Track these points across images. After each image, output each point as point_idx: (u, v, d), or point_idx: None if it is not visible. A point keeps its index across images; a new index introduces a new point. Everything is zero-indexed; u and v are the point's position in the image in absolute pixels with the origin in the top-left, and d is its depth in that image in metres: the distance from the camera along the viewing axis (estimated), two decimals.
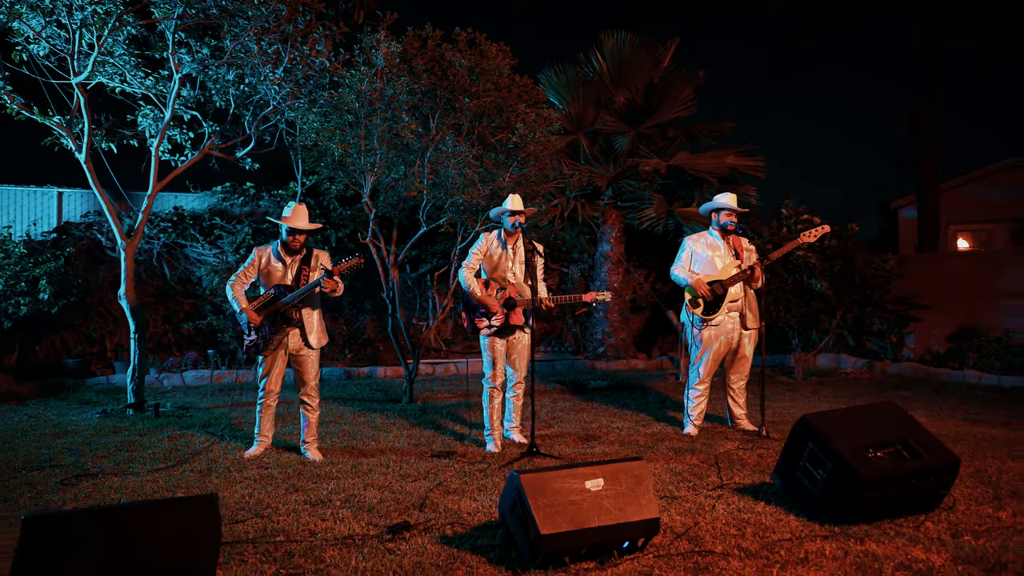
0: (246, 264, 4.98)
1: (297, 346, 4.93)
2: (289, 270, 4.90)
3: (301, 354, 4.95)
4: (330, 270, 4.79)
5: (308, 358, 4.96)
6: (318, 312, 5.01)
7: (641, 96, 9.58)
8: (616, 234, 10.28)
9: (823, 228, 5.63)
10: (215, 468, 4.63)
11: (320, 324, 5.02)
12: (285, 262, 4.91)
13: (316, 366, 5.02)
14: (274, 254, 4.94)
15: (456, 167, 6.23)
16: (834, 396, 7.48)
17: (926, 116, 12.65)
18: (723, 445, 5.17)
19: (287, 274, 4.89)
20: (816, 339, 9.34)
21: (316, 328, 4.98)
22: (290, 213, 4.89)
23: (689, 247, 5.75)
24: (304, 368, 4.98)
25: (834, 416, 3.70)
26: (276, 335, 4.85)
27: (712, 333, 5.54)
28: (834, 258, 8.72)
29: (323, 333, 5.05)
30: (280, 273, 4.90)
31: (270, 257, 4.95)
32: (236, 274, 4.99)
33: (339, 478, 4.39)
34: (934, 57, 12.57)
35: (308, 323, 4.92)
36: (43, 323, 8.55)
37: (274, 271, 4.90)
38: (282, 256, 4.92)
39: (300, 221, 4.88)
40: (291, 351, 4.95)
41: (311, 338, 4.92)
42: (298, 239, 4.88)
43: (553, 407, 6.89)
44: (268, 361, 4.93)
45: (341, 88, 6.25)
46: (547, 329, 10.83)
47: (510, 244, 5.26)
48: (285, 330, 4.86)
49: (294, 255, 4.93)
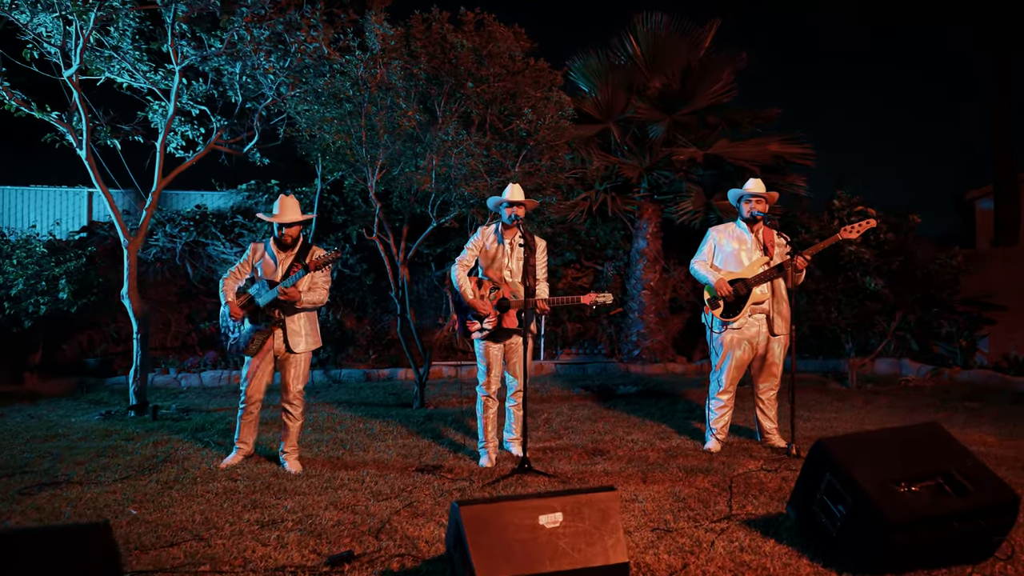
0: (241, 259, 4.71)
1: (280, 348, 4.59)
2: (281, 266, 4.58)
3: (285, 358, 4.61)
4: (306, 265, 4.45)
5: (291, 363, 4.61)
6: (307, 314, 4.66)
7: (677, 81, 8.91)
8: (652, 229, 9.64)
9: (867, 222, 4.90)
10: (182, 479, 4.34)
11: (309, 326, 4.65)
12: (277, 258, 4.59)
13: (302, 372, 4.66)
14: (267, 249, 4.65)
15: (459, 157, 5.79)
16: (889, 407, 6.68)
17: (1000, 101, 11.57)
18: (744, 464, 4.55)
19: (278, 270, 4.57)
20: (873, 343, 8.48)
21: (303, 331, 4.62)
22: (277, 208, 4.59)
23: (712, 239, 5.15)
24: (286, 373, 4.64)
25: (858, 440, 3.08)
26: (257, 335, 4.53)
27: (734, 337, 4.92)
28: (892, 253, 7.85)
29: (312, 336, 4.68)
30: (271, 269, 4.58)
31: (263, 253, 4.66)
32: (231, 269, 4.72)
33: (305, 494, 4.03)
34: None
35: (292, 325, 4.57)
36: (68, 322, 8.59)
37: (266, 267, 4.59)
38: (274, 251, 4.61)
39: (288, 215, 4.55)
40: (275, 353, 4.62)
41: (293, 341, 4.57)
42: (289, 233, 4.57)
43: (570, 415, 6.38)
44: (252, 364, 4.61)
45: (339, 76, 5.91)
46: (580, 330, 10.29)
47: (507, 239, 4.79)
48: (268, 330, 4.53)
49: (287, 250, 4.61)
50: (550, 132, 6.08)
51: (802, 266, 4.76)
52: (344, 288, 9.76)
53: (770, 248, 4.97)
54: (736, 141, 9.10)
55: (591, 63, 9.22)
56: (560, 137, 6.38)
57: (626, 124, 9.25)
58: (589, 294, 4.54)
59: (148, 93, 6.99)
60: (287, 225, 4.55)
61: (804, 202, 9.09)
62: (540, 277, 4.82)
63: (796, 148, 8.88)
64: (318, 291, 4.58)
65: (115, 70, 6.80)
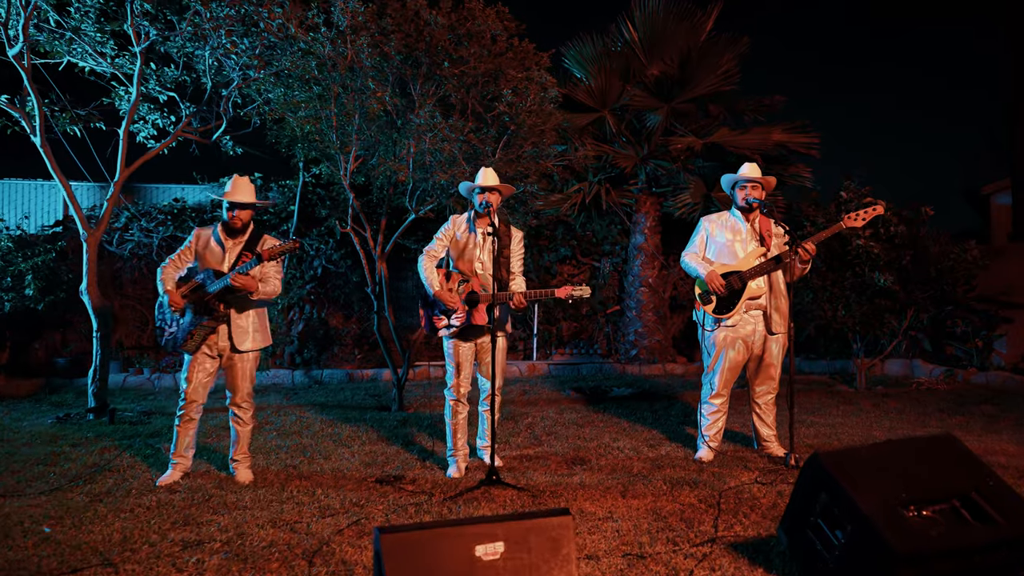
0: (183, 246, 4.29)
1: (224, 346, 4.19)
2: (228, 254, 4.17)
3: (230, 357, 4.21)
4: (259, 253, 4.05)
5: (237, 363, 4.21)
6: (255, 310, 4.26)
7: (676, 67, 8.45)
8: (651, 224, 9.19)
9: (874, 208, 4.45)
10: (115, 491, 3.95)
11: (257, 323, 4.26)
12: (224, 245, 4.18)
13: (249, 372, 4.27)
14: (214, 236, 4.22)
15: (433, 142, 5.38)
16: (899, 412, 6.22)
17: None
18: (736, 476, 4.12)
19: (225, 259, 4.17)
20: (883, 343, 8.00)
21: (250, 328, 4.22)
22: (230, 186, 4.17)
23: (705, 229, 4.72)
24: (232, 374, 4.24)
25: (859, 454, 2.64)
26: (198, 329, 4.12)
27: (728, 336, 4.49)
28: (903, 247, 7.37)
29: (260, 334, 4.28)
30: (217, 257, 4.17)
31: (209, 239, 4.22)
32: (170, 257, 4.29)
33: (246, 509, 3.63)
34: None
35: (238, 321, 4.17)
36: (38, 320, 8.25)
37: (211, 255, 4.17)
38: (222, 238, 4.19)
39: (240, 194, 4.14)
40: (219, 351, 4.22)
41: (238, 339, 4.17)
42: (239, 216, 4.14)
43: (556, 419, 5.96)
44: (192, 363, 4.20)
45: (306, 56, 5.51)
46: (576, 329, 9.85)
47: (480, 228, 4.38)
48: (209, 325, 4.13)
49: (236, 236, 4.19)
50: (532, 115, 5.65)
51: (806, 257, 4.31)
52: (329, 285, 9.38)
53: (767, 238, 4.53)
54: (738, 130, 8.64)
55: (585, 50, 8.79)
56: (546, 122, 5.95)
57: (622, 113, 8.81)
58: (564, 287, 4.11)
59: (112, 78, 6.63)
60: (239, 206, 4.14)
61: (811, 194, 8.63)
62: (515, 270, 4.41)
63: (801, 137, 8.40)
64: (271, 282, 4.18)
65: (77, 53, 6.44)
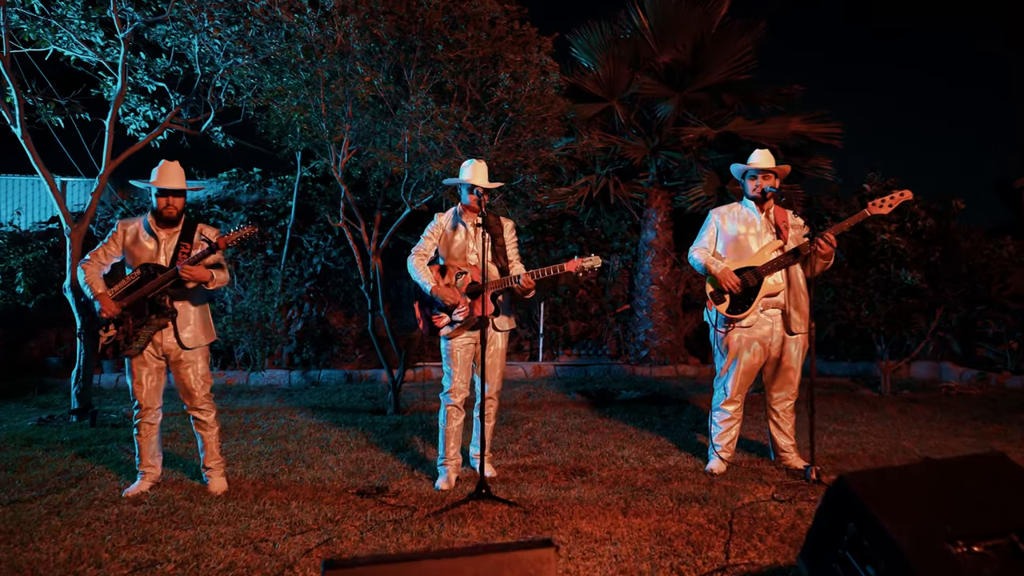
0: (105, 240, 3.90)
1: (170, 346, 3.85)
2: (163, 246, 3.84)
3: (178, 357, 3.87)
4: (213, 242, 3.74)
5: (187, 361, 3.86)
6: (200, 304, 3.95)
7: (688, 54, 8.06)
8: (662, 219, 8.81)
9: (900, 194, 4.02)
10: (77, 502, 3.67)
11: (201, 318, 3.93)
12: (158, 237, 3.83)
13: (201, 372, 3.92)
14: (144, 228, 3.86)
15: (426, 129, 5.06)
16: (928, 418, 5.80)
17: None
18: (751, 492, 3.75)
19: (160, 251, 3.84)
20: (910, 344, 7.56)
21: (194, 322, 3.88)
22: (157, 172, 3.81)
23: (714, 222, 4.35)
24: (184, 375, 3.89)
25: (894, 477, 2.27)
26: (143, 329, 3.78)
27: (742, 337, 4.12)
28: (931, 243, 6.94)
29: (204, 328, 3.93)
30: (151, 251, 3.82)
31: (139, 232, 3.85)
32: (92, 252, 3.89)
33: (211, 524, 3.33)
34: None
35: (185, 316, 3.85)
36: (34, 318, 8.04)
37: (143, 249, 3.82)
38: (154, 230, 3.84)
39: (171, 180, 3.79)
40: (164, 352, 3.89)
41: (184, 335, 3.84)
42: (173, 204, 3.80)
43: (559, 424, 5.62)
44: (136, 365, 3.86)
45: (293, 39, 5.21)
46: (584, 329, 9.49)
47: (469, 222, 4.06)
48: (154, 322, 3.79)
49: (169, 227, 3.86)
50: (533, 102, 5.31)
51: (827, 249, 3.93)
52: (329, 283, 9.11)
53: (783, 230, 4.15)
54: (754, 120, 8.23)
55: (593, 38, 8.42)
56: (548, 109, 5.60)
57: (631, 102, 8.43)
58: (573, 260, 3.76)
59: (98, 68, 6.38)
60: (171, 193, 3.79)
61: (831, 187, 8.20)
62: (513, 258, 4.11)
63: (821, 127, 7.98)
64: (223, 271, 3.90)
65: (63, 42, 6.20)
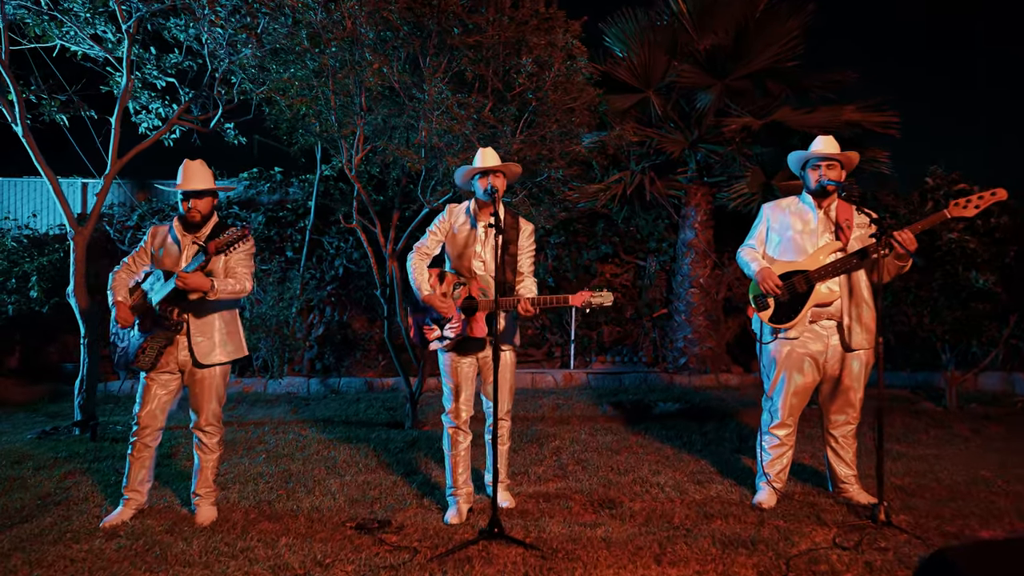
0: (137, 247, 3.68)
1: (184, 360, 3.54)
2: (186, 252, 3.53)
3: (192, 373, 3.56)
4: (204, 246, 3.38)
5: (200, 380, 3.56)
6: (220, 315, 3.60)
7: (730, 39, 7.47)
8: (702, 218, 8.24)
9: (992, 193, 3.40)
10: (47, 534, 3.33)
11: (225, 331, 3.59)
12: (181, 243, 3.54)
13: (216, 390, 3.60)
14: (171, 233, 3.60)
15: (440, 120, 4.63)
16: (1006, 439, 5.15)
17: None
18: (809, 536, 3.21)
19: (182, 258, 3.53)
20: (976, 352, 6.87)
21: (216, 337, 3.57)
22: (181, 174, 3.55)
23: (766, 218, 3.85)
24: (196, 392, 3.59)
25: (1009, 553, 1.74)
26: (150, 342, 3.47)
27: (792, 351, 3.59)
28: (1005, 242, 6.25)
29: (230, 344, 3.61)
30: (174, 257, 3.53)
31: (166, 237, 3.60)
32: (124, 260, 3.68)
33: (186, 567, 2.94)
34: None
35: (200, 330, 3.52)
36: (52, 323, 7.87)
37: (168, 254, 3.54)
38: (179, 235, 3.55)
39: (192, 181, 3.50)
40: (180, 366, 3.57)
41: (201, 351, 3.52)
42: (197, 207, 3.52)
43: (587, 443, 5.13)
44: (147, 380, 3.56)
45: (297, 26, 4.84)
46: (619, 334, 8.96)
47: (481, 222, 3.60)
48: (166, 337, 3.48)
49: (194, 231, 3.56)
50: (559, 90, 4.83)
51: (901, 251, 3.33)
52: (351, 286, 8.77)
53: (845, 230, 3.61)
54: (802, 109, 7.60)
55: (628, 26, 7.89)
56: (576, 98, 5.12)
57: (668, 92, 7.87)
58: (581, 293, 3.27)
59: (106, 63, 6.12)
60: (194, 195, 3.51)
61: (890, 183, 7.52)
62: (525, 271, 3.62)
63: (877, 116, 7.32)
64: (237, 278, 3.53)
65: (69, 37, 5.96)
